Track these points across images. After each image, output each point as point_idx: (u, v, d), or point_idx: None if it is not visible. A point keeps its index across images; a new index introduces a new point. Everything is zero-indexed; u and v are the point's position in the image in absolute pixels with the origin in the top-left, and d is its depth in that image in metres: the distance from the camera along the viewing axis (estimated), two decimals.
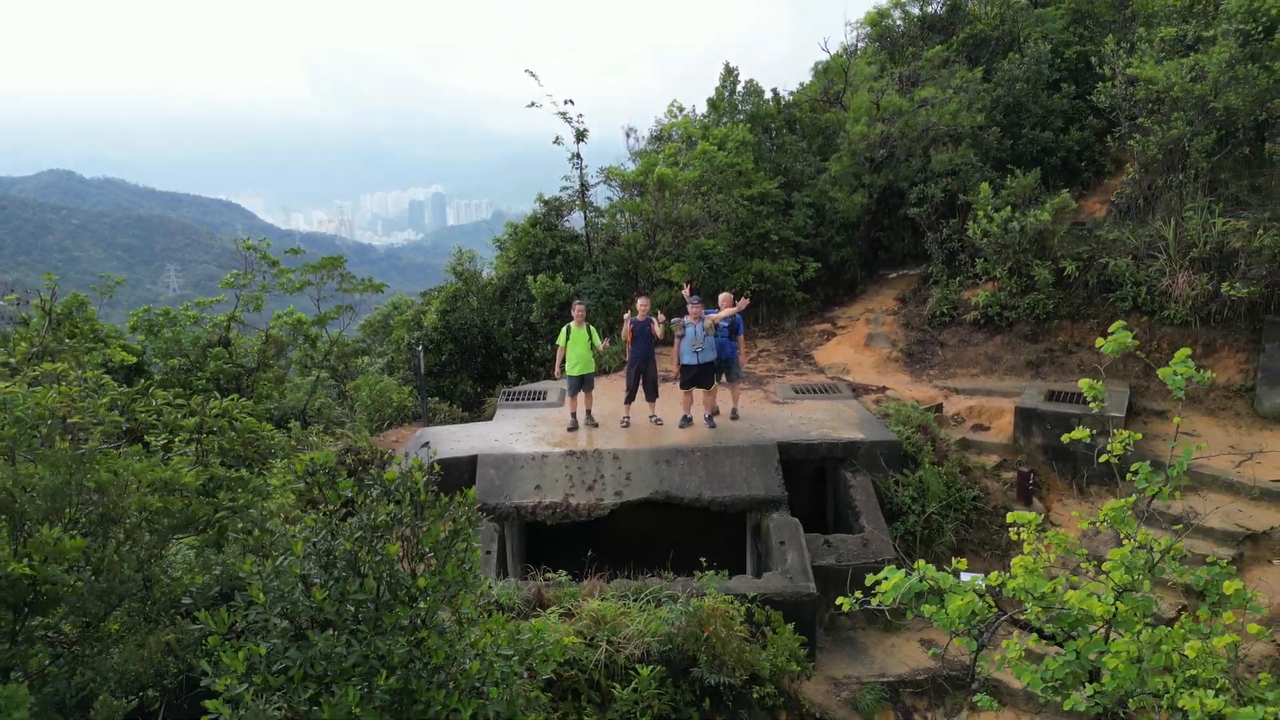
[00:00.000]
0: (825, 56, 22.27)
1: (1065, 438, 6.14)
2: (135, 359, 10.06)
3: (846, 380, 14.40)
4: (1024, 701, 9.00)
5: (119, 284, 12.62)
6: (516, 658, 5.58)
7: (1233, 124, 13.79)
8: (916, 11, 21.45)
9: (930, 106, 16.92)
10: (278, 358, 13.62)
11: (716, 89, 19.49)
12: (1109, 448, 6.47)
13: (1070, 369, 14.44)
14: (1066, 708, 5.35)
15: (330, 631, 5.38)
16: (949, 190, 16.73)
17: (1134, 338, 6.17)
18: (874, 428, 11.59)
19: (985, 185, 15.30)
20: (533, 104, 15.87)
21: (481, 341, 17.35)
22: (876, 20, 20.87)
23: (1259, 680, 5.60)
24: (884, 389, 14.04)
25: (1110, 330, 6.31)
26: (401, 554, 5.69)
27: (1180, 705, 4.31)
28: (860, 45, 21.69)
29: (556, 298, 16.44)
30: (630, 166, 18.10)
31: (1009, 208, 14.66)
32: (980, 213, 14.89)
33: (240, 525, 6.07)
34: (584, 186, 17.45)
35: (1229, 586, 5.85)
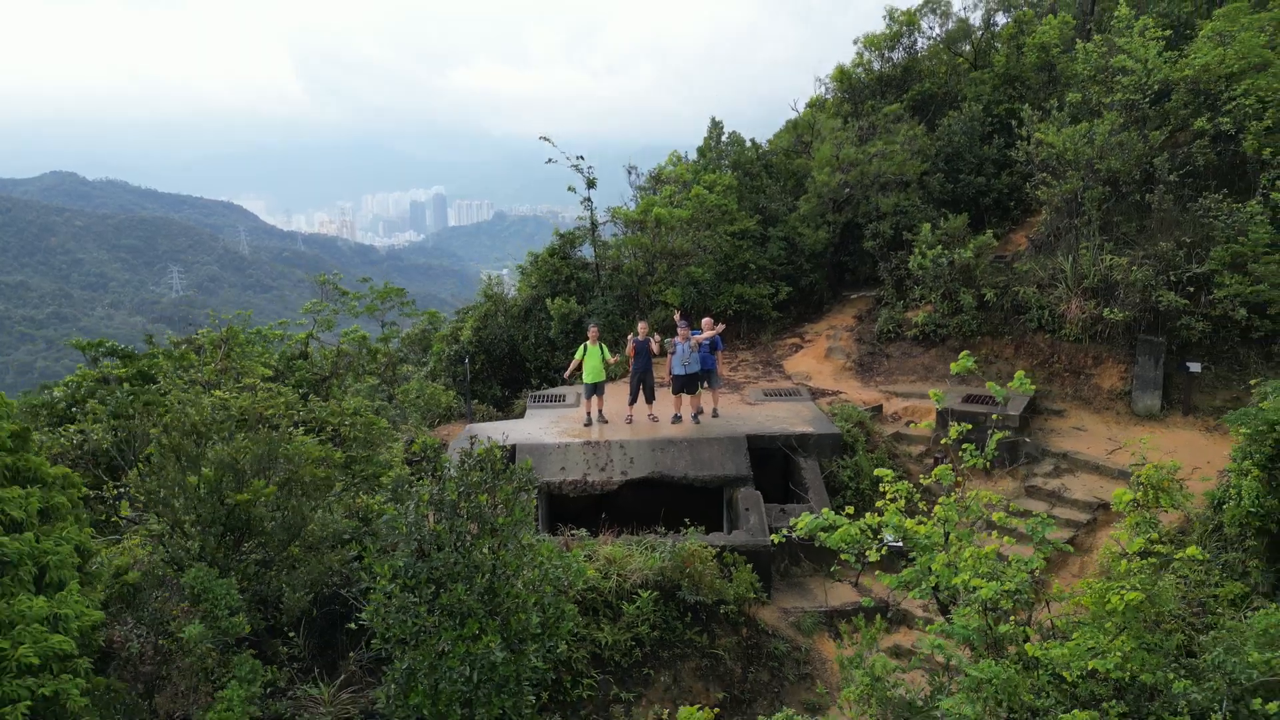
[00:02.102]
0: (812, 101, 24.98)
1: (912, 426, 8.87)
2: (271, 373, 12.73)
3: (808, 386, 17.10)
4: (923, 625, 11.71)
5: (266, 330, 15.34)
6: (561, 568, 8.30)
7: (1117, 179, 16.51)
8: (877, 67, 24.20)
9: (882, 157, 19.65)
10: (347, 369, 16.32)
11: (705, 139, 22.26)
12: (949, 435, 9.27)
13: (990, 377, 17.09)
14: (910, 595, 8.09)
15: (444, 550, 8.12)
16: (897, 226, 19.45)
17: (1040, 349, 8.90)
18: (823, 424, 14.31)
19: (926, 226, 17.99)
20: (550, 160, 18.62)
21: (508, 353, 20.08)
22: (841, 77, 23.62)
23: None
24: (838, 393, 16.74)
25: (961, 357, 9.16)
26: (487, 501, 8.41)
27: (954, 583, 7.03)
28: (829, 96, 24.42)
29: (571, 317, 19.18)
30: (631, 206, 20.80)
31: (940, 245, 17.39)
32: (918, 249, 17.61)
33: (384, 485, 8.77)
34: (594, 225, 20.20)
35: (1045, 531, 8.63)
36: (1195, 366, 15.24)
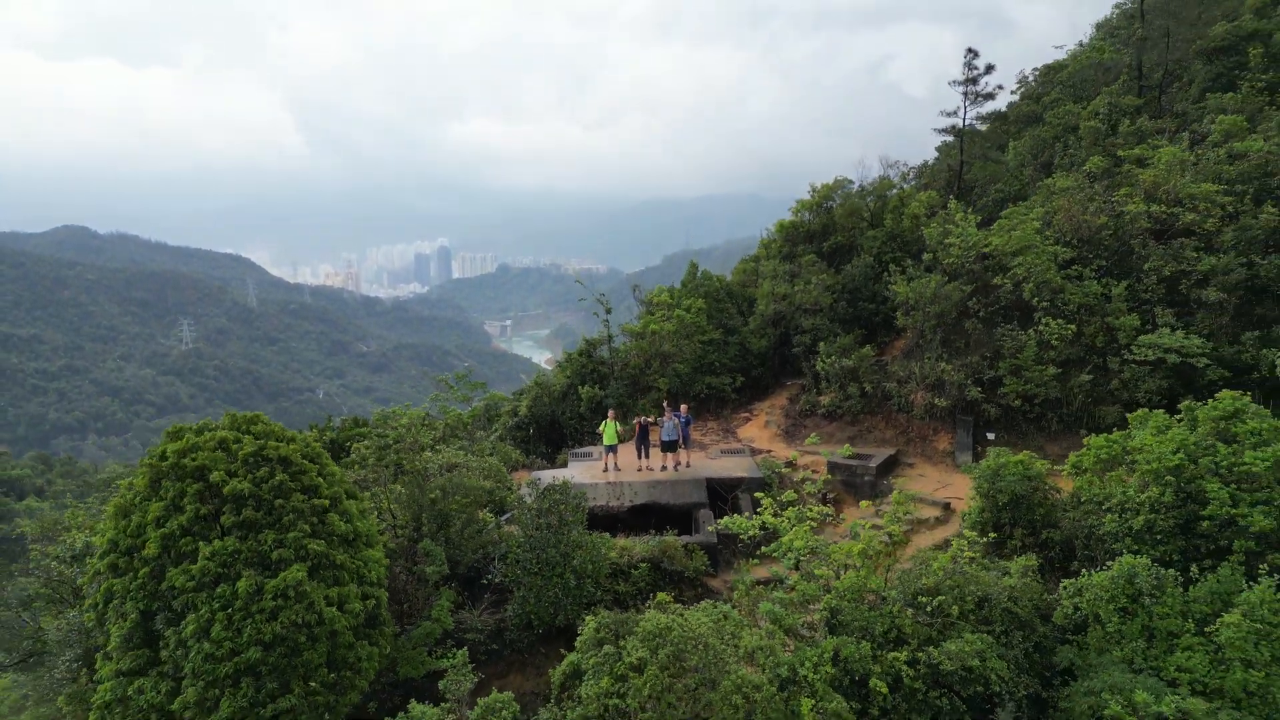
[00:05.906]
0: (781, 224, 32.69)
1: (779, 463, 15.94)
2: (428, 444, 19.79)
3: (751, 446, 24.12)
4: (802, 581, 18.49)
5: (398, 410, 22.49)
6: (601, 544, 15.25)
7: (944, 315, 23.88)
8: (808, 218, 31.95)
9: (803, 292, 27.11)
10: (451, 435, 23.37)
11: (685, 276, 29.85)
12: (799, 476, 16.37)
13: (871, 441, 24.17)
14: (775, 556, 15.03)
15: (541, 531, 15.13)
16: (814, 338, 26.75)
17: (904, 422, 16.06)
18: (754, 471, 21.29)
19: (824, 342, 25.31)
20: (582, 299, 26.11)
21: (551, 422, 27.18)
22: (781, 228, 31.37)
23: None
24: (769, 451, 23.74)
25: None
26: (562, 509, 15.41)
27: (783, 541, 13.99)
28: (774, 239, 32.12)
29: (594, 398, 26.33)
30: (635, 322, 28.22)
31: (837, 354, 24.67)
32: (821, 356, 24.88)
33: (509, 502, 15.77)
34: (610, 336, 27.57)
35: (859, 529, 15.53)
36: (991, 435, 22.27)
